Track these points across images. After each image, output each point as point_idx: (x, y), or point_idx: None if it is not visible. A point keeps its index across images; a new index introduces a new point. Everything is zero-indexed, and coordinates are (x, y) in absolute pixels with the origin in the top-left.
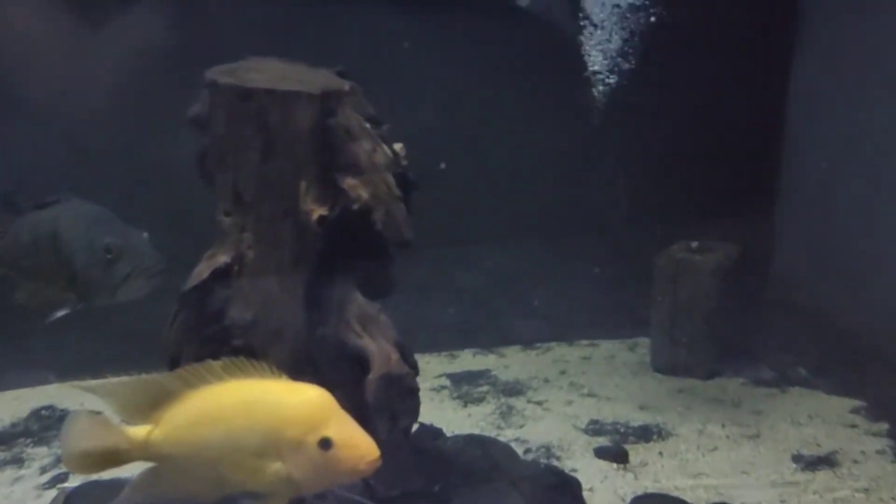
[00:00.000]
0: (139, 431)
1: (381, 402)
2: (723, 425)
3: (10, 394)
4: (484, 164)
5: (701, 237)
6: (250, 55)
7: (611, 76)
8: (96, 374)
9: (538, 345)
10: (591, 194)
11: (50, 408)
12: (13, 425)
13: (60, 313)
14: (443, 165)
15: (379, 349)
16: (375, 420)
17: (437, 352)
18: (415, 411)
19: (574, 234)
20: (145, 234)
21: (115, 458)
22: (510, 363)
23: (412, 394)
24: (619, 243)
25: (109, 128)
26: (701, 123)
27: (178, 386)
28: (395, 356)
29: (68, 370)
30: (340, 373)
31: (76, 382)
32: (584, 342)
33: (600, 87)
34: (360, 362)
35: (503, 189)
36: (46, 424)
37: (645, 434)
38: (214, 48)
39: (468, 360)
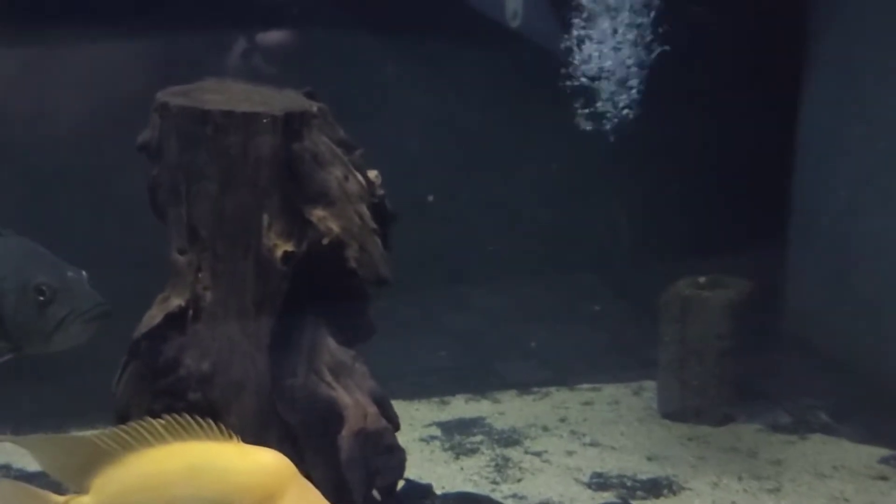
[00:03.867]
0: (69, 501)
1: (357, 462)
2: (739, 478)
3: None
4: (476, 196)
5: (709, 272)
6: (208, 76)
7: (611, 105)
8: (58, 428)
9: (535, 389)
10: (591, 228)
11: (6, 467)
12: None
13: None
14: (431, 198)
15: (353, 402)
16: (350, 482)
17: (427, 398)
18: (399, 468)
19: (572, 271)
20: (84, 273)
21: None
22: (505, 410)
23: (392, 451)
24: (620, 279)
25: (59, 159)
26: (708, 152)
27: (114, 448)
28: (371, 410)
29: (26, 424)
30: (311, 429)
31: (8, 437)
32: (586, 386)
33: (600, 117)
34: (333, 417)
35: (496, 223)
36: None
37: (654, 488)
38: (184, 75)
39: (460, 407)
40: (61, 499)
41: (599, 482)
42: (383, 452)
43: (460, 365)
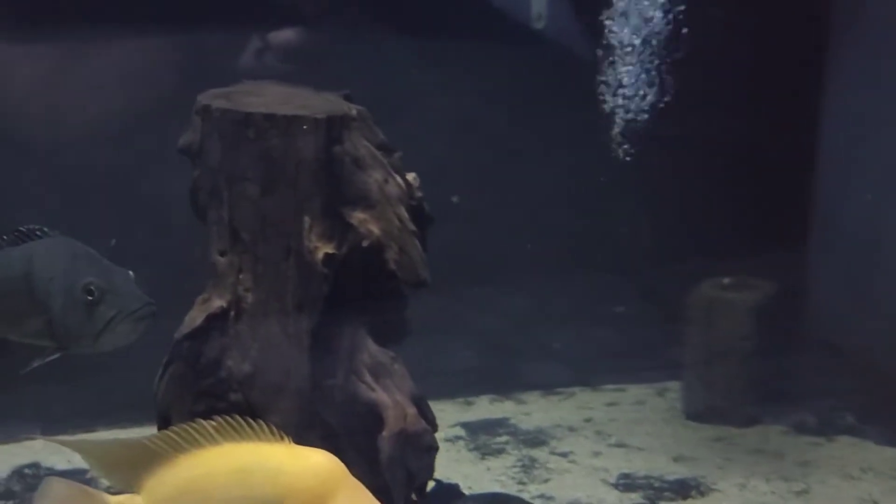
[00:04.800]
0: (122, 500)
1: (397, 463)
2: (767, 479)
3: None
4: (500, 197)
5: (732, 273)
6: (247, 79)
7: (634, 105)
8: (87, 428)
9: (560, 390)
10: (613, 229)
11: (34, 465)
12: None
13: (36, 364)
14: (455, 199)
15: (393, 403)
16: (391, 483)
17: (451, 398)
18: (430, 468)
19: (596, 272)
20: (131, 274)
21: None
22: (530, 410)
23: (430, 452)
24: (643, 281)
25: (97, 161)
26: (731, 154)
27: (165, 449)
28: (411, 410)
29: (56, 424)
30: (351, 430)
31: (57, 437)
32: (610, 387)
33: (623, 117)
34: (373, 418)
35: (519, 224)
36: (31, 484)
37: (682, 489)
38: (211, 75)
39: (485, 408)
40: (114, 498)
41: (627, 483)
42: (423, 453)
43: (485, 366)
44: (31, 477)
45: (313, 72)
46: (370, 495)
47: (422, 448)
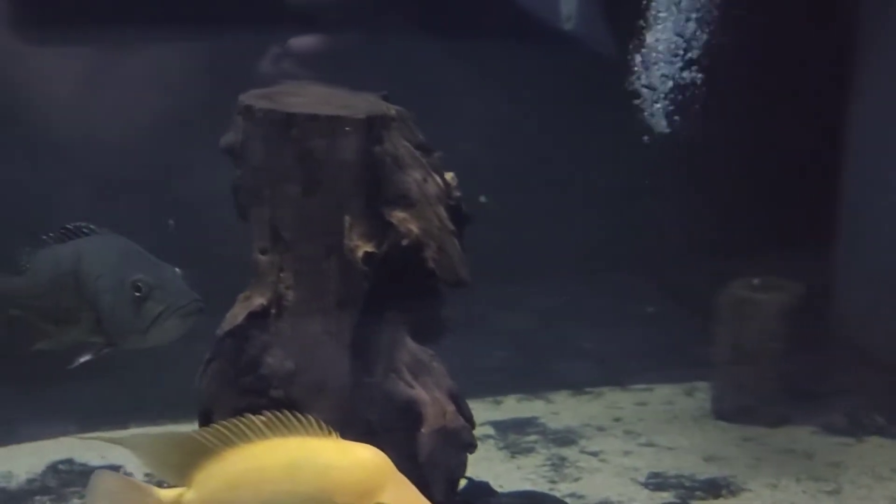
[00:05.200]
0: (172, 494)
1: (437, 460)
2: (798, 479)
3: (27, 446)
4: (528, 197)
5: (759, 274)
6: (286, 80)
7: (661, 105)
8: (120, 424)
9: (588, 389)
10: (640, 229)
11: (69, 461)
12: (29, 481)
13: (84, 359)
14: (483, 199)
15: (432, 400)
16: (430, 480)
17: (480, 397)
18: (463, 465)
19: (623, 272)
20: (178, 271)
21: None
22: (559, 409)
23: (469, 449)
24: (670, 280)
25: (137, 160)
26: (758, 154)
27: (214, 444)
28: (450, 408)
29: (89, 420)
30: (390, 427)
31: (104, 434)
32: (639, 386)
33: (650, 117)
34: (413, 415)
35: (546, 223)
36: (65, 480)
37: (713, 489)
38: (247, 75)
39: (513, 407)
40: (164, 492)
41: (657, 482)
42: (462, 450)
43: (513, 365)
44: (65, 473)
45: (339, 75)
46: (416, 491)
47: (461, 445)
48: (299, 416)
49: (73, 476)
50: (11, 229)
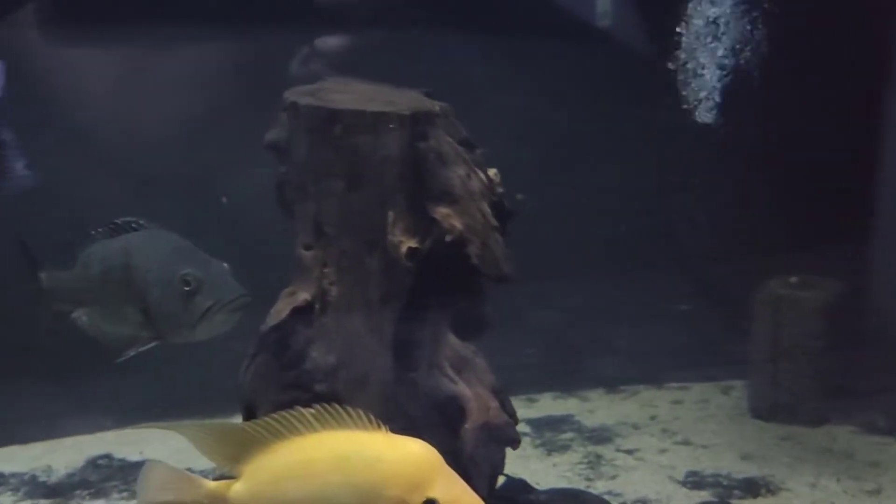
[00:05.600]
0: (221, 486)
1: (481, 456)
2: (838, 479)
3: (66, 441)
4: (563, 194)
5: (794, 271)
6: (329, 76)
7: (695, 101)
8: (156, 420)
9: (623, 388)
10: (678, 226)
11: (107, 456)
12: (69, 475)
13: (132, 352)
14: (520, 196)
15: (475, 396)
16: (473, 475)
17: (515, 395)
18: (502, 462)
19: (658, 269)
20: (226, 265)
21: None
22: (594, 407)
23: (513, 445)
24: (704, 278)
25: (177, 157)
26: (793, 151)
27: (265, 435)
28: (493, 404)
29: (126, 415)
30: (433, 423)
31: (160, 423)
32: (674, 385)
33: (684, 113)
34: (456, 411)
35: (580, 220)
36: (105, 475)
37: (751, 488)
38: (278, 74)
39: (549, 405)
40: (213, 484)
41: (695, 481)
42: (505, 446)
43: (547, 362)
44: (104, 467)
45: (368, 74)
46: (466, 485)
47: (505, 441)
48: (349, 409)
49: (113, 471)
50: (60, 225)
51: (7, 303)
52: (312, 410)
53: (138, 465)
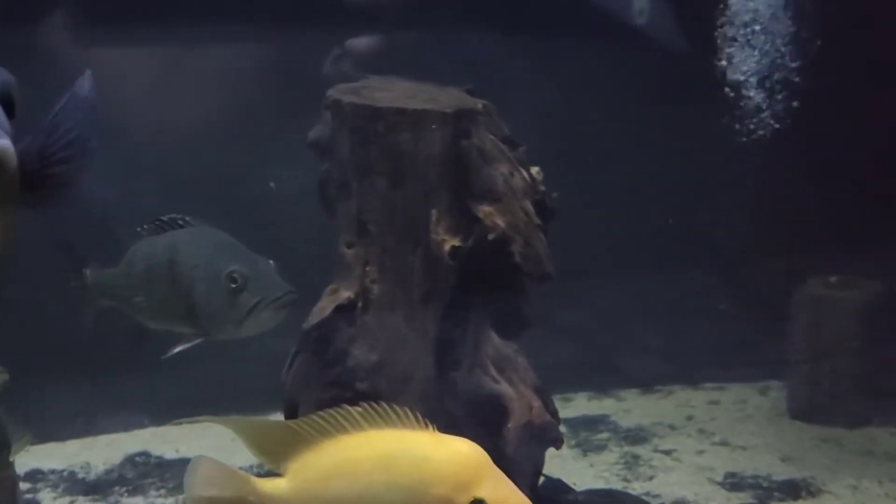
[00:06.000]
0: (267, 483)
1: (524, 455)
2: (879, 482)
3: (103, 438)
4: (598, 192)
5: (832, 271)
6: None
7: (735, 98)
8: (193, 417)
9: (659, 388)
10: (711, 224)
11: (145, 454)
12: (107, 472)
13: (178, 349)
14: (555, 194)
15: (518, 395)
16: (515, 475)
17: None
18: (543, 461)
19: (694, 269)
20: (272, 263)
21: None
22: (630, 407)
23: (556, 444)
24: (742, 278)
25: (215, 155)
26: (832, 151)
27: (311, 434)
28: (536, 403)
29: (162, 413)
30: (475, 421)
31: (209, 417)
32: (710, 385)
33: (723, 111)
34: (498, 410)
35: (615, 219)
36: (142, 472)
37: (792, 490)
38: (316, 72)
39: (584, 404)
40: (259, 480)
41: (734, 482)
42: (548, 445)
43: (582, 362)
44: (142, 465)
45: (415, 72)
46: (513, 485)
47: (547, 440)
48: (396, 407)
49: (150, 468)
50: (106, 223)
51: (45, 302)
52: (359, 409)
53: (175, 463)
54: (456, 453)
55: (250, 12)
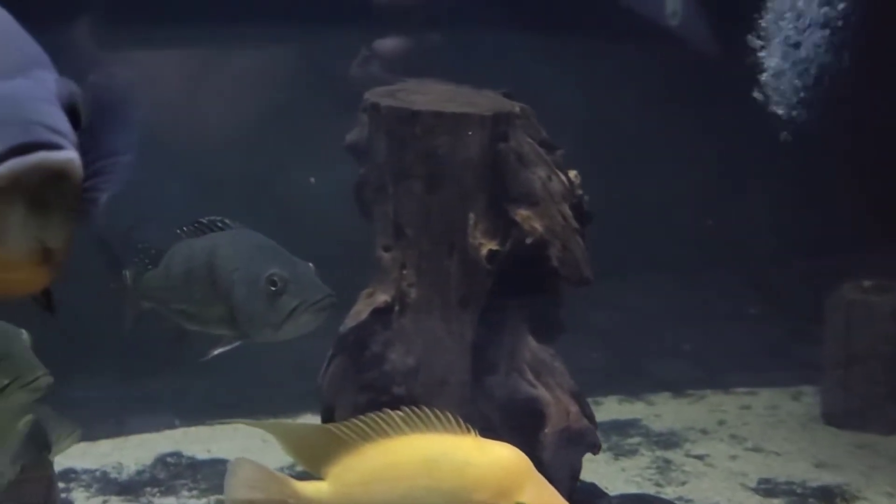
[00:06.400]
0: (308, 486)
1: (561, 460)
2: None
3: (134, 438)
4: (628, 196)
5: (866, 275)
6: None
7: (768, 101)
8: (225, 418)
9: (690, 392)
10: (742, 227)
11: (176, 454)
12: (139, 472)
13: (217, 351)
14: (586, 198)
15: (555, 400)
16: (553, 480)
17: None
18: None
19: (726, 273)
20: (311, 266)
21: None
22: (661, 412)
23: (594, 450)
24: (773, 282)
25: (248, 159)
26: (865, 155)
27: (352, 438)
28: (573, 408)
29: (194, 414)
30: (512, 426)
31: (246, 420)
32: (742, 390)
33: (754, 114)
34: (535, 414)
35: (645, 221)
36: (173, 472)
37: (826, 496)
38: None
39: (614, 408)
40: (300, 484)
41: (767, 488)
42: (585, 450)
43: (612, 366)
44: (173, 465)
45: (445, 73)
46: (555, 491)
47: (585, 445)
48: (437, 412)
49: (181, 469)
50: (145, 226)
51: (79, 303)
52: (400, 413)
53: (206, 463)
54: (498, 458)
55: (281, 13)
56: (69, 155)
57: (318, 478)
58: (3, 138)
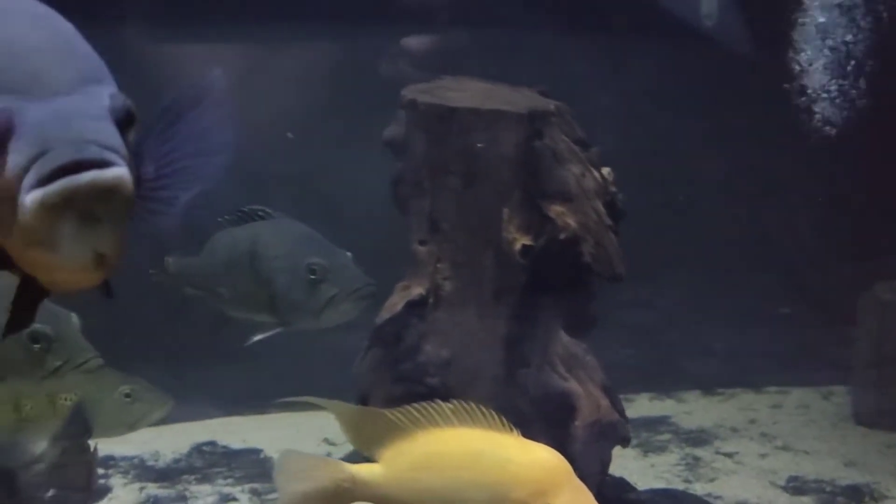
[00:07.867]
0: (362, 469)
1: (591, 453)
2: None
3: (171, 427)
4: (658, 192)
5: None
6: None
7: (803, 101)
8: (259, 410)
9: (720, 390)
10: (778, 229)
11: (212, 443)
12: (175, 461)
13: (258, 337)
14: (620, 194)
15: (586, 393)
16: (583, 473)
17: None
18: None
19: (757, 272)
20: (350, 255)
21: (336, 499)
22: (691, 409)
23: (624, 443)
24: (805, 281)
25: (291, 154)
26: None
27: (405, 423)
28: (604, 402)
29: (230, 404)
30: (543, 419)
31: (311, 398)
32: (772, 388)
33: (789, 115)
34: (566, 407)
35: (678, 220)
36: (210, 461)
37: (856, 495)
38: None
39: (645, 405)
40: (353, 467)
41: (796, 486)
42: (616, 444)
43: (644, 363)
44: (209, 454)
45: (481, 72)
46: (591, 497)
47: (615, 439)
48: (483, 408)
49: (217, 457)
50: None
51: (120, 290)
52: (450, 405)
53: (242, 453)
54: (539, 459)
55: (320, 11)
56: (119, 172)
57: (370, 460)
58: (55, 157)
